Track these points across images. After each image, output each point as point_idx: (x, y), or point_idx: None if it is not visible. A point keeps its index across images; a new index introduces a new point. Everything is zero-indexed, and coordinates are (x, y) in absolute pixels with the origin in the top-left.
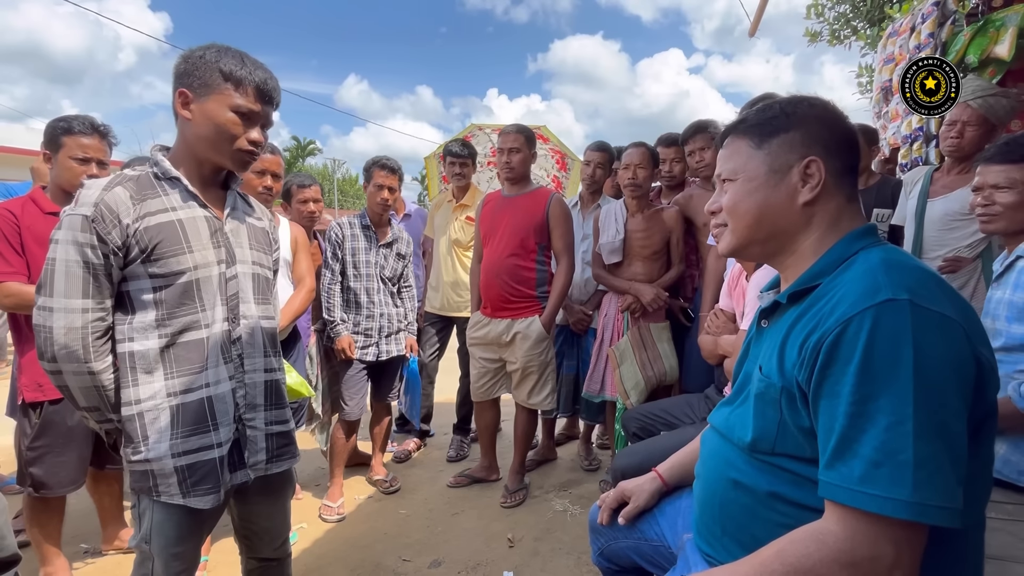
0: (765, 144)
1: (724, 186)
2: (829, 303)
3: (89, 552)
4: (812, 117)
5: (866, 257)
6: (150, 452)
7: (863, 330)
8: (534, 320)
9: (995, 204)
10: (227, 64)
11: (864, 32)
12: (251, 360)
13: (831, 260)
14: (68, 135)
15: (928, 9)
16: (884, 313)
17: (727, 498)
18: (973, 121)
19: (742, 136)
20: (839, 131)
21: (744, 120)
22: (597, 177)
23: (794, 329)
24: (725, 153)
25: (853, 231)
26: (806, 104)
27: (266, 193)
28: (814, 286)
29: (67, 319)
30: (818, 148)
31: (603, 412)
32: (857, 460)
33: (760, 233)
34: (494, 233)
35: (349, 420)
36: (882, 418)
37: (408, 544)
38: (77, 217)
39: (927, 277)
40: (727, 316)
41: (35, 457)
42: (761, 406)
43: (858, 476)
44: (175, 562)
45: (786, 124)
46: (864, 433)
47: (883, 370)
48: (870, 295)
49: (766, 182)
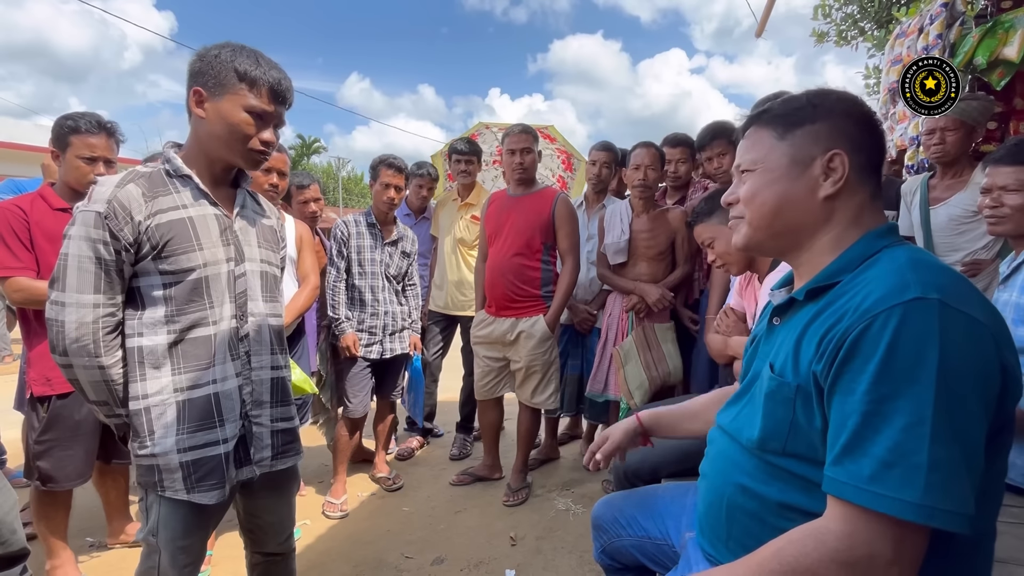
0: (789, 135)
1: (743, 177)
2: (853, 299)
3: (95, 546)
4: (840, 110)
5: (892, 255)
6: (156, 447)
7: (888, 327)
8: (539, 319)
9: (1004, 206)
10: (242, 64)
11: (871, 33)
12: (258, 357)
13: (852, 257)
14: (75, 134)
15: (936, 10)
16: (912, 311)
17: (734, 502)
18: (951, 126)
19: (765, 126)
20: (866, 126)
21: (768, 110)
22: (603, 177)
23: (811, 326)
24: (746, 143)
25: (874, 229)
26: (834, 96)
27: (272, 190)
28: (833, 283)
29: (79, 314)
30: (843, 142)
31: (607, 412)
32: (868, 459)
33: (777, 225)
34: (500, 232)
35: (353, 417)
36: (899, 418)
37: (410, 541)
38: (90, 213)
39: (957, 278)
40: (737, 316)
41: (42, 451)
42: (772, 405)
43: (867, 475)
44: (181, 555)
45: (812, 115)
46: (878, 433)
47: (905, 370)
48: (898, 292)
49: (787, 173)
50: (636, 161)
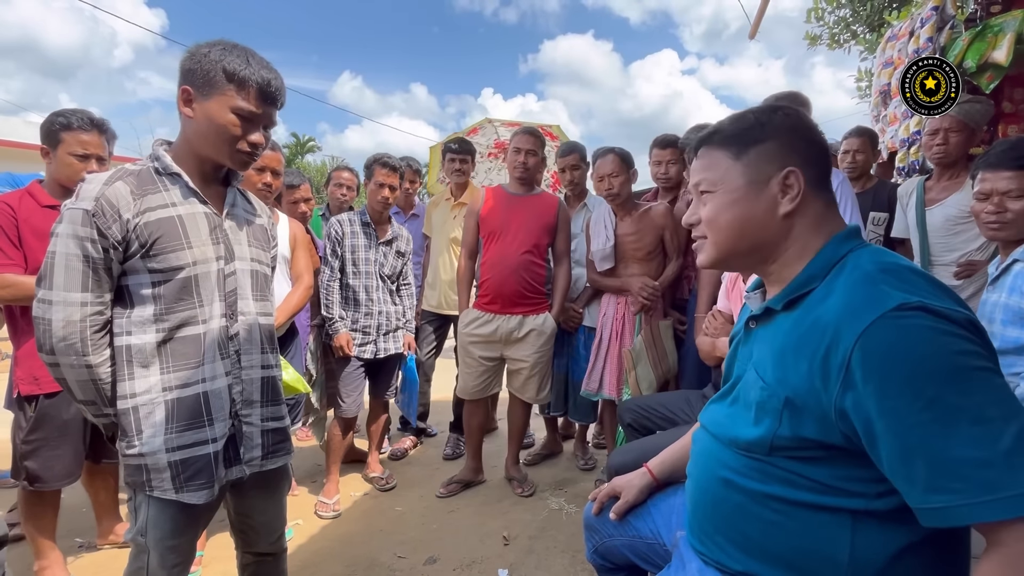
0: (743, 155)
1: (703, 198)
2: (833, 312)
3: (84, 546)
4: (787, 127)
5: (856, 260)
6: (144, 446)
7: (886, 341)
8: (547, 316)
9: (1008, 211)
10: (231, 63)
11: (863, 37)
12: (248, 356)
13: (821, 264)
14: (67, 131)
15: (927, 14)
16: (901, 319)
17: (719, 496)
18: (955, 127)
19: (719, 147)
20: (813, 140)
21: (719, 131)
22: (576, 179)
23: (792, 337)
24: (701, 164)
25: (837, 234)
26: (780, 113)
27: (265, 190)
28: (807, 292)
29: (66, 312)
30: (795, 158)
31: (594, 411)
32: (966, 466)
33: (742, 245)
34: (505, 230)
35: (346, 417)
36: (960, 420)
37: (403, 541)
38: (78, 211)
39: (922, 278)
40: (725, 318)
41: (30, 451)
42: (760, 414)
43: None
44: (171, 555)
45: (761, 134)
46: (948, 443)
47: (923, 372)
48: (880, 303)
49: (746, 194)
50: (598, 172)
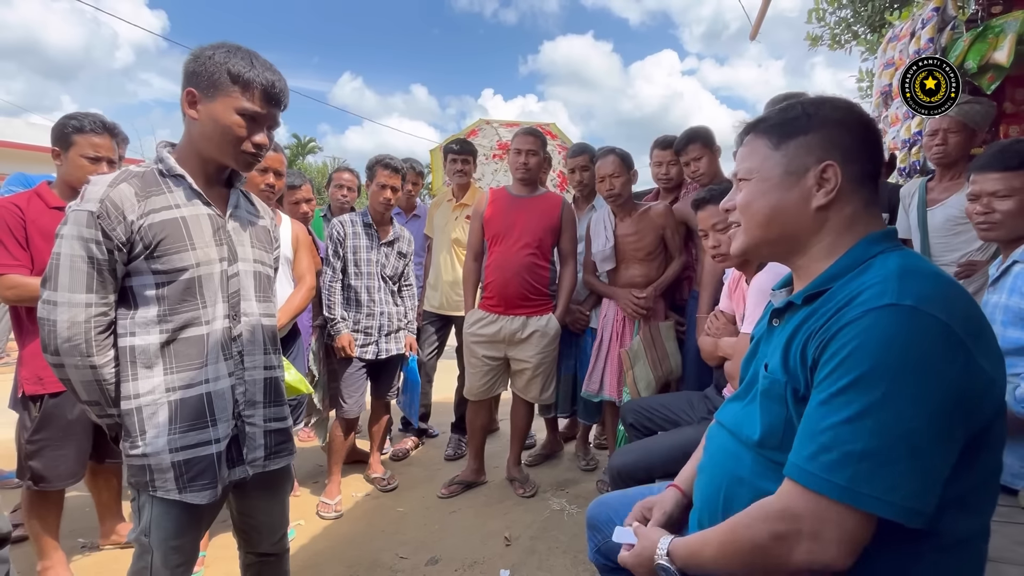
0: (783, 145)
1: (739, 184)
2: (836, 306)
3: (87, 546)
4: (834, 120)
5: (883, 262)
6: (148, 447)
7: (855, 331)
8: (551, 317)
9: (995, 212)
10: (236, 65)
11: (864, 37)
12: (251, 357)
13: (847, 263)
14: (79, 133)
15: (928, 15)
16: (881, 316)
17: (731, 494)
18: (954, 128)
19: (761, 135)
20: (861, 135)
21: (765, 119)
22: (586, 180)
23: (800, 329)
24: (743, 151)
25: (870, 235)
26: (829, 106)
27: (268, 190)
28: (826, 289)
29: (70, 313)
30: (836, 152)
31: (600, 412)
32: (813, 444)
33: (771, 234)
34: (509, 231)
35: (348, 418)
36: (845, 411)
37: (405, 541)
38: (83, 213)
39: (943, 284)
40: (727, 318)
41: (35, 450)
42: (767, 403)
43: (806, 455)
44: (174, 555)
45: (806, 126)
46: (824, 421)
47: (862, 369)
48: (875, 299)
49: (780, 184)
50: (600, 173)
